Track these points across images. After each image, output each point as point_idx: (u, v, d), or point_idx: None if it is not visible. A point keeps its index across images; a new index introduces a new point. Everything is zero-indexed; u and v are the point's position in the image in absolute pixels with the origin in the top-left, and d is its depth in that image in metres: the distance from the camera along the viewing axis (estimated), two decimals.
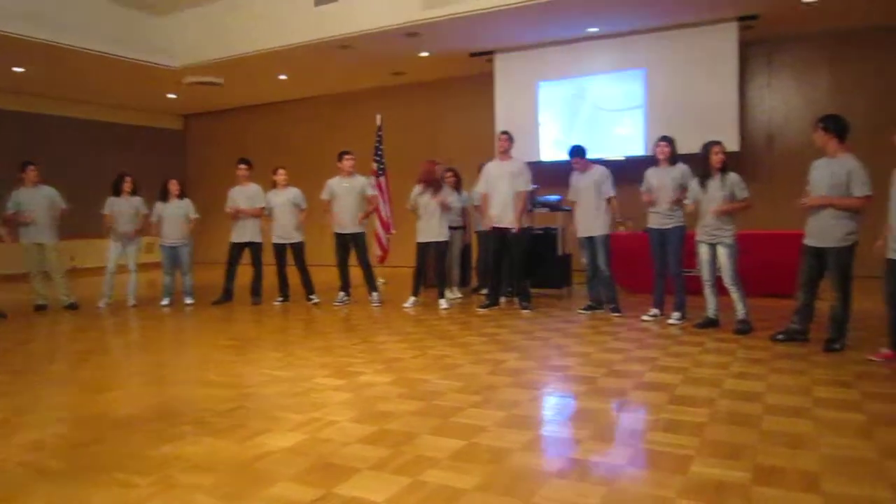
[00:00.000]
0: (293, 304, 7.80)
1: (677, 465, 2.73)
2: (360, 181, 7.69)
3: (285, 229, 7.79)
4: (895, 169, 4.32)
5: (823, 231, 4.78)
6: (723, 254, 5.50)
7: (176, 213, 7.92)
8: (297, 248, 7.83)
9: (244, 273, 8.01)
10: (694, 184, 5.72)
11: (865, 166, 4.66)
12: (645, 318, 6.19)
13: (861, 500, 2.37)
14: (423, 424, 3.29)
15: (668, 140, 6.12)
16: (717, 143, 5.62)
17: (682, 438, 3.03)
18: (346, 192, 7.56)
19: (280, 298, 7.91)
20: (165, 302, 7.95)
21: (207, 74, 11.13)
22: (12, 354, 5.35)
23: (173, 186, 7.97)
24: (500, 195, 6.80)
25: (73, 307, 7.80)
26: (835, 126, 4.78)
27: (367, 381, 4.20)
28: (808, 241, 4.91)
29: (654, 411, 3.46)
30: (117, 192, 7.97)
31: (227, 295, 8.02)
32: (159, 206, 7.95)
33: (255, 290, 7.97)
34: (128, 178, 8.01)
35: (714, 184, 5.54)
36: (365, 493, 2.51)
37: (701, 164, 5.64)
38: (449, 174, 7.28)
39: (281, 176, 7.88)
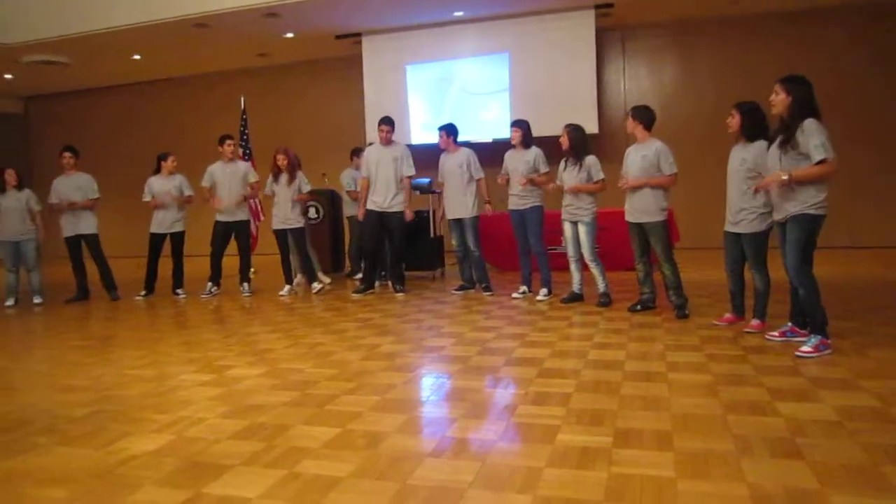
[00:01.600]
0: (156, 299, 7.40)
1: (545, 435, 2.85)
2: (242, 167, 7.43)
3: (168, 219, 7.35)
4: (732, 148, 4.69)
5: (641, 208, 5.28)
6: (582, 231, 5.80)
7: (14, 206, 7.25)
8: (177, 239, 7.43)
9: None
10: (560, 166, 5.97)
11: (671, 148, 5.24)
12: (515, 295, 6.40)
13: (708, 453, 2.59)
14: (297, 415, 3.24)
15: (518, 124, 6.33)
16: (567, 126, 5.89)
17: (550, 409, 3.17)
18: (229, 179, 7.25)
19: (143, 293, 7.47)
20: (10, 302, 7.30)
21: (49, 53, 10.23)
22: None
23: (10, 176, 7.30)
24: (382, 180, 6.75)
25: None
26: (642, 115, 5.31)
27: (237, 374, 4.07)
28: (630, 218, 5.41)
29: (524, 385, 3.59)
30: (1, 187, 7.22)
31: (82, 292, 7.48)
32: None
33: (108, 285, 7.47)
34: (10, 171, 7.25)
35: (571, 165, 5.82)
36: (237, 490, 2.44)
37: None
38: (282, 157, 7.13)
39: (170, 162, 7.41)
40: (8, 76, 11.90)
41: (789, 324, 4.40)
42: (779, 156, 4.03)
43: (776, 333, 4.38)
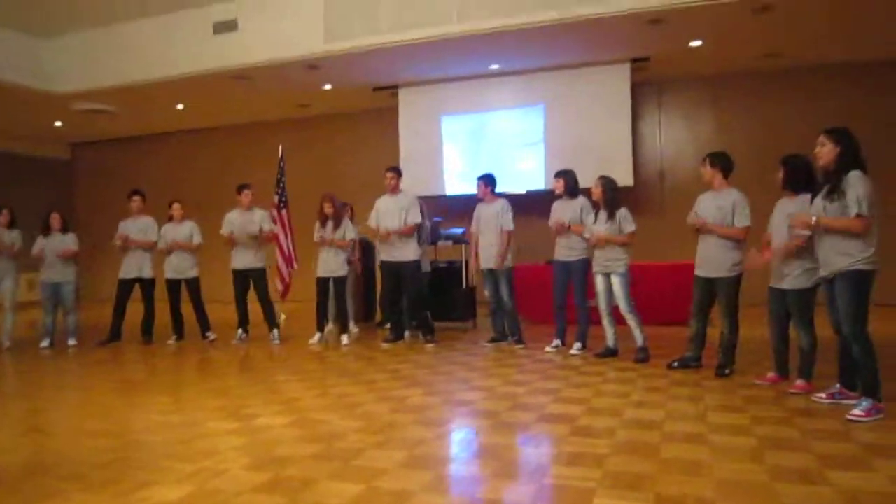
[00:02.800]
0: (188, 343, 7.41)
1: (580, 498, 2.71)
2: (258, 215, 7.47)
3: (180, 264, 7.43)
4: (778, 202, 4.58)
5: (712, 262, 5.02)
6: (616, 283, 5.66)
7: (58, 248, 7.39)
8: (193, 284, 7.48)
9: (136, 312, 7.56)
10: (590, 217, 5.89)
11: (760, 198, 4.96)
12: (548, 349, 6.25)
13: None
14: (322, 469, 3.14)
15: (562, 174, 6.29)
16: (600, 178, 5.82)
17: (585, 471, 3.03)
18: (245, 226, 7.32)
19: (174, 338, 7.50)
20: (45, 343, 7.37)
21: (97, 101, 10.59)
22: None
23: (54, 220, 7.45)
24: (392, 229, 6.76)
25: None
26: (721, 162, 5.10)
27: (263, 423, 3.99)
28: (699, 272, 5.13)
29: (557, 444, 3.45)
30: None
31: (114, 335, 7.53)
32: (40, 241, 7.41)
33: (146, 330, 7.53)
34: (3, 210, 7.41)
35: (602, 217, 5.73)
36: None
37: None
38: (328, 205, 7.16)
39: (176, 210, 7.55)
40: (58, 123, 12.33)
41: (838, 385, 4.19)
42: (823, 206, 3.92)
43: (824, 395, 4.17)
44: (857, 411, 3.76)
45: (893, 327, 7.06)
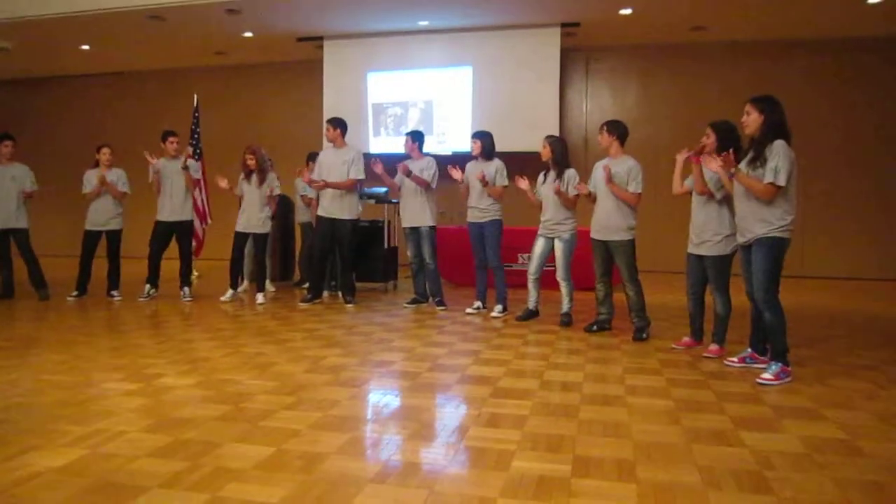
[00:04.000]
0: (90, 299, 6.95)
1: (499, 461, 2.63)
2: (186, 162, 7.03)
3: (105, 216, 6.93)
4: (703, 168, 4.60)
5: (609, 225, 5.13)
6: (559, 248, 5.61)
7: None
8: (114, 237, 7.01)
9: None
10: (539, 179, 5.78)
11: (642, 166, 5.09)
12: (469, 311, 6.19)
13: (673, 485, 2.40)
14: (228, 431, 2.94)
15: (479, 136, 6.18)
16: (547, 137, 5.76)
17: (505, 432, 2.96)
18: (174, 176, 6.88)
19: (75, 293, 7.00)
20: None
21: None
22: None
23: None
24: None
25: None
26: (617, 130, 5.20)
27: (167, 384, 3.74)
28: (596, 236, 5.24)
29: (477, 405, 3.37)
30: None
31: (6, 289, 6.98)
32: None
33: (37, 283, 6.98)
34: None
35: (550, 178, 5.65)
36: None
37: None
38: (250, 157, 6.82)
39: (105, 154, 6.99)
40: None
41: (749, 350, 4.29)
42: (746, 173, 3.95)
43: (735, 359, 4.27)
44: (766, 375, 3.85)
45: (791, 296, 7.37)
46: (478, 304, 6.22)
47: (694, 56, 9.96)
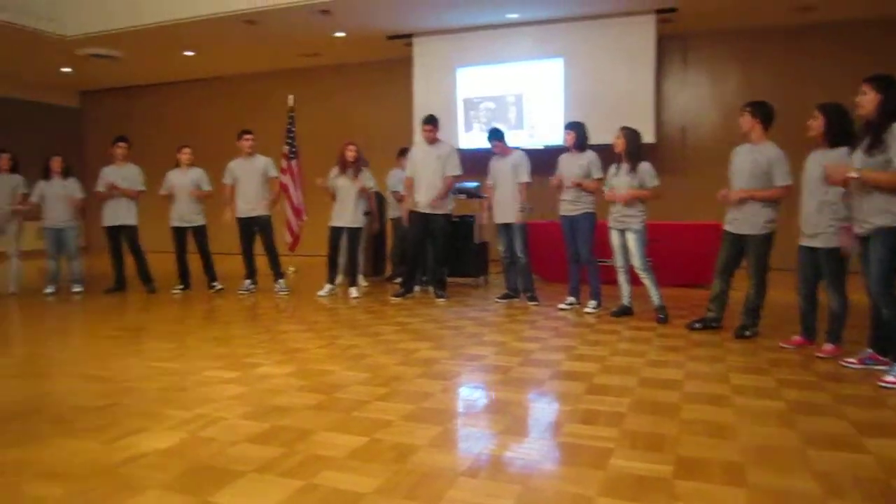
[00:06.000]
0: (193, 292, 7.27)
1: (596, 458, 2.52)
2: (262, 161, 7.22)
3: (186, 212, 7.23)
4: (811, 155, 4.29)
5: (744, 218, 4.73)
6: (631, 240, 5.42)
7: (59, 193, 7.21)
8: (199, 232, 7.30)
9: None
10: (611, 171, 5.62)
11: (787, 155, 4.65)
12: (561, 306, 6.05)
13: (787, 492, 2.23)
14: (322, 420, 2.97)
15: (573, 126, 6.00)
16: (622, 129, 5.53)
17: (601, 430, 2.84)
18: (248, 174, 7.10)
19: (179, 287, 7.35)
20: (50, 290, 7.25)
21: (104, 46, 10.31)
22: None
23: (55, 164, 7.26)
24: (426, 180, 6.52)
25: None
26: (762, 112, 4.72)
27: (264, 372, 3.83)
28: (729, 228, 4.85)
29: (572, 402, 3.26)
30: None
31: (119, 283, 7.40)
32: (41, 185, 7.24)
33: (145, 278, 7.36)
34: (4, 155, 7.21)
35: (623, 170, 5.45)
36: (247, 500, 2.18)
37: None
38: (352, 149, 6.91)
39: (185, 155, 7.30)
40: (66, 70, 12.07)
41: (869, 350, 3.96)
42: (862, 161, 3.64)
43: (854, 360, 3.94)
44: (889, 377, 3.54)
45: None
46: (571, 299, 6.07)
47: (799, 39, 9.36)
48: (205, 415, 3.05)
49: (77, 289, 7.32)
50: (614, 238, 5.56)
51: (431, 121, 6.60)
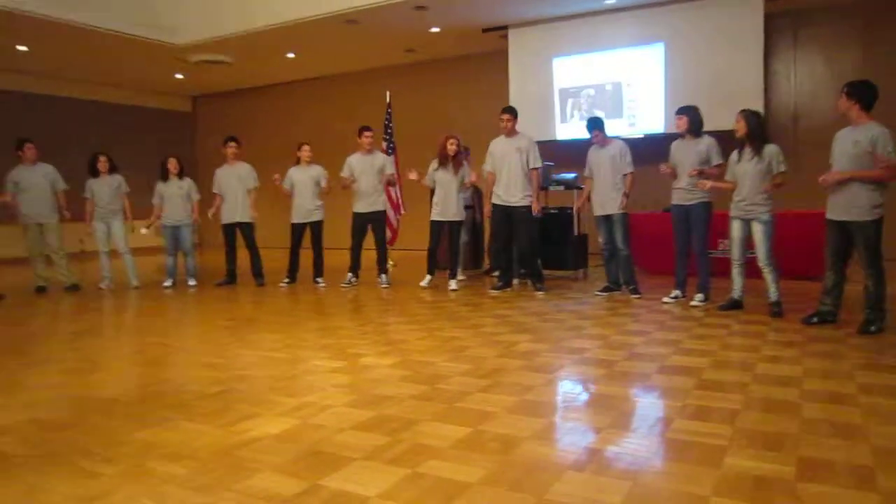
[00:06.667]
0: (299, 286, 7.53)
1: (710, 456, 2.41)
2: (381, 158, 7.37)
3: (306, 208, 7.48)
4: None
5: (847, 203, 4.43)
6: (758, 231, 5.12)
7: (176, 193, 7.65)
8: (316, 228, 7.54)
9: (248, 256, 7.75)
10: (733, 157, 5.33)
11: (893, 133, 4.29)
12: (666, 300, 5.85)
13: None
14: (426, 410, 3.00)
15: (685, 111, 5.75)
16: (742, 112, 5.24)
17: (714, 427, 2.72)
18: (367, 170, 7.25)
19: (286, 280, 7.64)
20: (167, 283, 7.72)
21: (213, 52, 10.85)
22: (1, 335, 5.11)
23: (172, 165, 7.70)
24: (507, 172, 6.48)
25: (74, 288, 7.60)
26: (858, 92, 4.41)
27: (368, 363, 3.92)
28: (831, 215, 4.57)
29: (681, 397, 3.14)
30: (94, 172, 7.65)
31: (230, 277, 7.77)
32: (160, 186, 7.70)
33: (257, 272, 7.70)
34: (102, 158, 7.69)
35: (747, 155, 5.17)
36: (355, 486, 2.22)
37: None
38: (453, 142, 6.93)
39: (305, 152, 7.55)
40: (179, 76, 12.80)
41: None
42: None
43: None
44: None
45: None
46: (676, 292, 5.86)
47: None
48: (313, 402, 3.15)
49: (192, 282, 7.75)
50: (736, 229, 5.28)
51: (509, 111, 6.56)
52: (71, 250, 7.86)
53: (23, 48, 10.35)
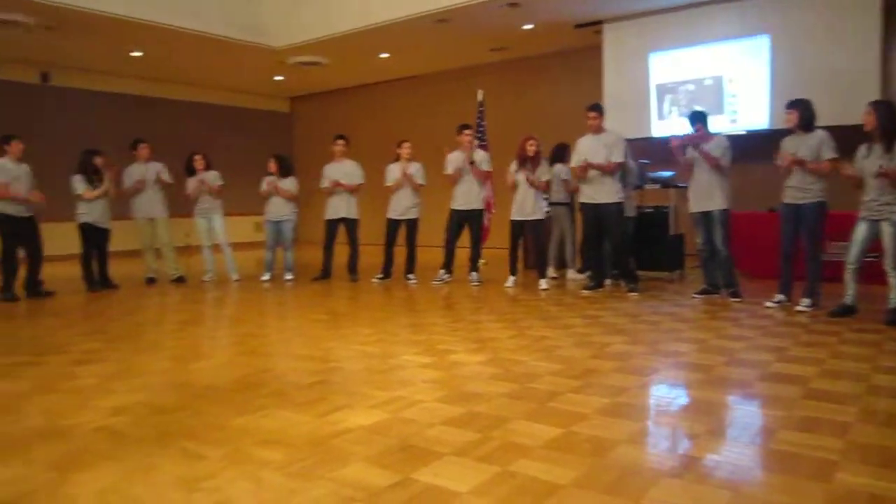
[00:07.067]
0: (391, 282, 7.66)
1: (818, 470, 2.27)
2: (480, 155, 7.40)
3: (404, 205, 7.60)
4: None
5: None
6: (888, 233, 4.76)
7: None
8: (412, 226, 7.66)
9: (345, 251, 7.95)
10: (861, 152, 5.01)
11: None
12: (769, 304, 5.56)
13: None
14: (516, 408, 2.97)
15: (796, 104, 5.44)
16: (872, 104, 4.90)
17: (823, 439, 2.56)
18: (467, 167, 7.28)
19: (380, 276, 7.77)
20: (266, 277, 8.01)
21: (310, 54, 11.18)
22: (116, 323, 5.46)
23: (272, 166, 7.99)
24: (594, 170, 6.35)
25: (180, 280, 8.01)
26: None
27: (458, 360, 3.93)
28: None
29: (786, 406, 2.98)
30: (191, 171, 8.02)
31: (325, 272, 7.99)
32: (265, 182, 8.02)
33: (352, 268, 7.89)
34: (197, 156, 8.04)
35: (877, 151, 4.83)
36: (446, 481, 2.23)
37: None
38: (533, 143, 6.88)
39: (405, 149, 7.67)
40: (278, 78, 13.27)
41: None
42: None
43: None
44: None
45: None
46: (780, 296, 5.56)
47: None
48: (404, 396, 3.19)
49: (288, 277, 8.01)
50: (861, 230, 4.94)
51: (596, 108, 6.44)
52: (177, 244, 8.29)
53: (137, 53, 11.00)
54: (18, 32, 9.00)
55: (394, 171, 7.61)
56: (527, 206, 6.90)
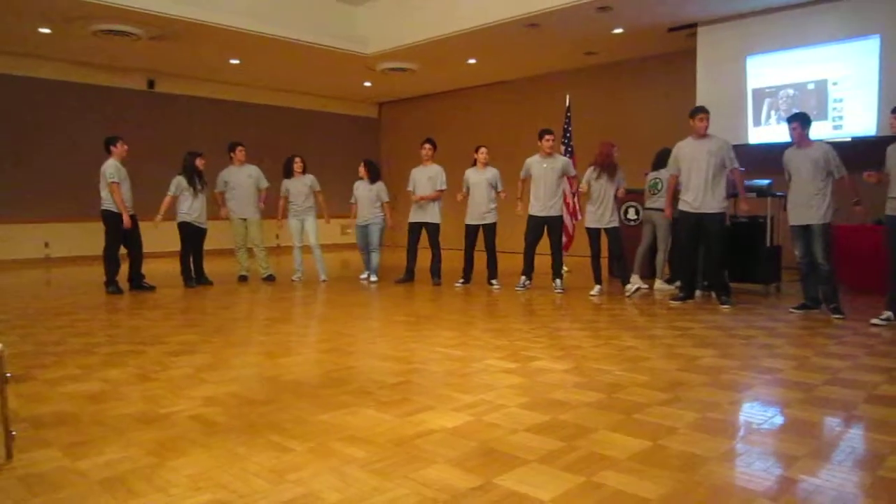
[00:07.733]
0: (473, 286, 7.66)
1: None
2: (561, 161, 7.32)
3: (481, 210, 7.62)
4: None
5: None
6: None
7: (366, 195, 8.10)
8: (490, 230, 7.66)
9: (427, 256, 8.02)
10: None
11: None
12: (875, 321, 5.22)
13: None
14: (602, 418, 2.90)
15: None
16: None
17: None
18: (546, 173, 7.22)
19: (461, 280, 7.80)
20: (364, 276, 8.21)
21: (400, 60, 11.36)
22: (210, 318, 5.70)
23: (361, 170, 8.18)
24: (698, 177, 6.12)
25: (270, 279, 8.29)
26: None
27: (542, 366, 3.88)
28: None
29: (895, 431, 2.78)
30: (289, 173, 8.27)
31: (409, 275, 8.08)
32: (355, 188, 8.20)
33: (435, 272, 7.94)
34: (297, 159, 8.29)
35: None
36: (530, 488, 2.20)
37: None
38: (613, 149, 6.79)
39: (482, 154, 7.70)
40: (367, 84, 13.55)
41: None
42: None
43: None
44: None
45: None
46: (888, 314, 5.21)
47: None
48: (487, 401, 3.17)
49: (373, 278, 8.15)
50: None
51: (701, 111, 6.24)
52: (268, 244, 8.58)
53: (235, 61, 11.49)
54: (128, 41, 9.58)
55: (471, 176, 7.62)
56: (605, 213, 6.83)
